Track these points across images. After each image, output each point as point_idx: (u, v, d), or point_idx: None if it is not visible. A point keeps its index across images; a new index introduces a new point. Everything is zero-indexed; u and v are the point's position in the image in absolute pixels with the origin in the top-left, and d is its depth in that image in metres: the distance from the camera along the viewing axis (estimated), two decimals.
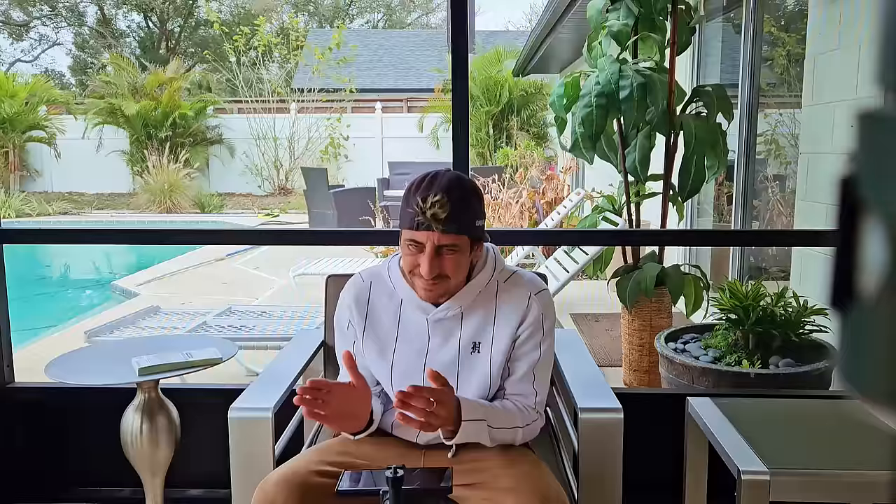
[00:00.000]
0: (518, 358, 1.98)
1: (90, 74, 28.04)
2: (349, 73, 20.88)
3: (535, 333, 1.98)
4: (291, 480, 1.81)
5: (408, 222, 1.84)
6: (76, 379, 2.58)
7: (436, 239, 1.82)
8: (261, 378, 2.39)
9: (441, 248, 1.84)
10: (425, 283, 1.88)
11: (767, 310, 3.45)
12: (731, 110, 4.24)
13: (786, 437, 2.17)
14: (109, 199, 19.37)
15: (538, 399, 1.99)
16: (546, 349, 2.00)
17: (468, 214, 1.86)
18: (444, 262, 1.86)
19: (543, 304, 2.00)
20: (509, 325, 1.98)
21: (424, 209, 1.80)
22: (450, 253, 1.86)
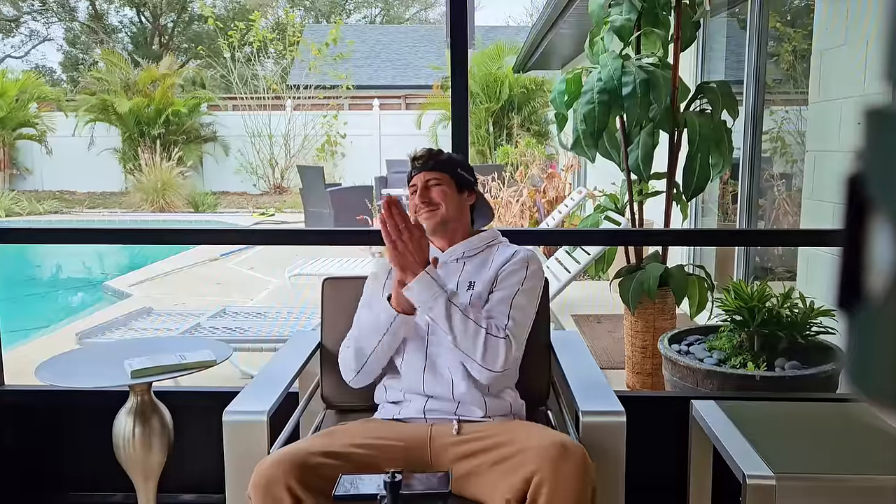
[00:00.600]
0: (498, 289, 2.24)
1: (81, 71, 28.06)
2: (346, 69, 20.87)
3: (518, 271, 2.26)
4: (289, 461, 1.88)
5: (409, 173, 2.40)
6: (67, 382, 2.57)
7: (423, 176, 2.33)
8: (256, 381, 2.39)
9: (428, 183, 2.32)
10: (422, 210, 2.29)
11: (773, 311, 3.45)
12: (735, 107, 4.24)
13: (792, 441, 2.17)
14: (101, 197, 19.35)
15: (510, 325, 2.16)
16: (528, 289, 2.25)
17: (447, 160, 2.38)
18: (432, 193, 2.31)
19: (531, 257, 2.31)
20: (496, 265, 2.29)
21: (417, 156, 2.38)
22: (436, 185, 2.31)
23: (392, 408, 2.24)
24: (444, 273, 2.24)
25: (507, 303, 2.19)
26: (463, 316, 2.09)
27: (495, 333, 2.11)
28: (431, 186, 2.31)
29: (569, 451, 1.84)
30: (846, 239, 0.40)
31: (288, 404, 2.35)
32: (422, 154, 2.37)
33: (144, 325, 5.00)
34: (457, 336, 2.08)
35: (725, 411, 2.34)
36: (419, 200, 2.30)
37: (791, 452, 2.08)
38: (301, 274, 6.70)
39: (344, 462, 1.94)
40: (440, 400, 2.17)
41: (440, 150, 2.41)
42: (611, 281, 4.68)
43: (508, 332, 2.13)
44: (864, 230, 0.39)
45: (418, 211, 2.30)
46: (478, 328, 2.09)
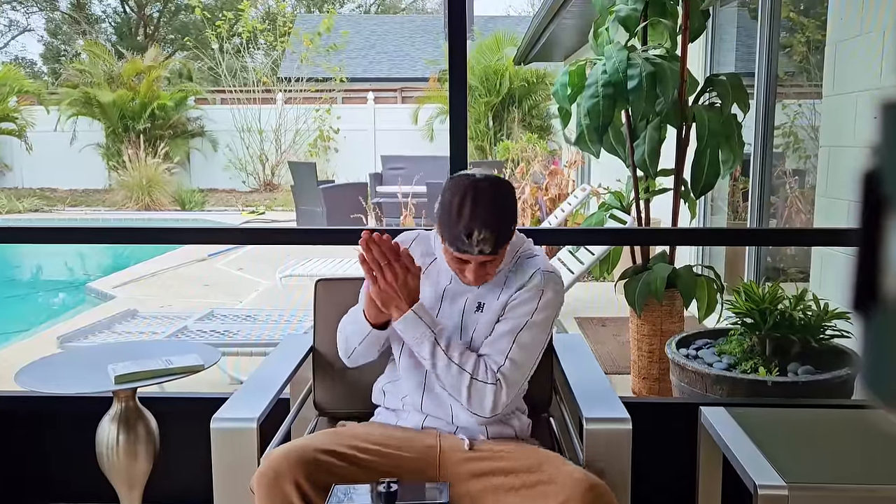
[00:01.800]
0: (504, 319, 2.11)
1: (63, 62, 28.00)
2: (339, 61, 20.87)
3: (530, 301, 2.11)
4: (299, 455, 1.90)
5: (451, 245, 2.02)
6: (48, 387, 2.57)
7: (479, 258, 2.03)
8: (245, 386, 2.38)
9: (485, 262, 2.05)
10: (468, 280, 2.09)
11: (785, 313, 3.45)
12: (746, 100, 4.24)
13: (805, 449, 2.17)
14: (84, 195, 19.34)
15: (504, 368, 2.05)
16: (537, 323, 2.11)
17: (509, 232, 2.05)
18: (487, 269, 2.07)
19: (548, 281, 2.14)
20: (510, 290, 2.14)
21: (471, 244, 1.98)
22: (493, 263, 2.07)
23: (390, 415, 2.22)
24: (455, 289, 2.16)
25: (510, 339, 2.07)
26: (447, 361, 2.02)
27: (482, 378, 2.02)
28: (489, 264, 2.07)
29: (598, 488, 1.84)
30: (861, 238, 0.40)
31: (279, 411, 2.34)
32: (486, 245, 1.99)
33: (129, 328, 5.00)
34: (441, 379, 2.04)
35: (736, 418, 2.34)
36: (471, 276, 2.06)
37: (804, 461, 2.08)
38: (292, 275, 6.69)
39: (351, 465, 1.96)
40: (439, 419, 2.14)
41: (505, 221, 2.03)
42: (616, 282, 4.68)
43: (500, 376, 2.03)
44: (881, 229, 0.39)
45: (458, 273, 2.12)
46: (461, 373, 2.01)
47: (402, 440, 2.09)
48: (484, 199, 1.99)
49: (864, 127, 3.97)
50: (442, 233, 2.03)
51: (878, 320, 0.39)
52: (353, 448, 2.00)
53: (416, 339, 2.04)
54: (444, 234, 2.02)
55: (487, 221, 1.97)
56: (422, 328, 2.03)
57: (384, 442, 2.06)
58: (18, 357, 3.24)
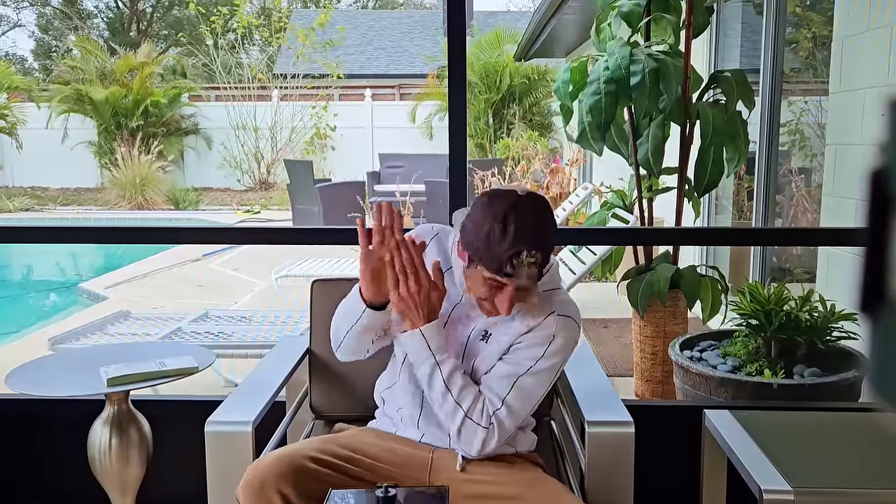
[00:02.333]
0: (508, 360, 1.99)
1: (55, 59, 28.01)
2: (336, 57, 20.86)
3: (537, 347, 1.98)
4: (286, 463, 1.87)
5: (494, 269, 1.85)
6: (39, 390, 2.57)
7: (520, 283, 1.87)
8: (240, 389, 2.38)
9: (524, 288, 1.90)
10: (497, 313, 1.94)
11: (791, 315, 3.45)
12: (751, 98, 4.25)
13: (811, 453, 2.17)
14: (75, 194, 19.33)
15: (500, 412, 1.95)
16: (542, 370, 1.98)
17: (551, 250, 1.93)
18: (520, 296, 1.91)
19: (561, 326, 2.00)
20: (518, 328, 2.00)
21: (519, 266, 1.83)
22: (528, 289, 1.91)
23: (388, 423, 2.17)
24: (465, 312, 2.05)
25: (510, 383, 1.96)
26: (445, 390, 1.93)
27: (476, 419, 1.93)
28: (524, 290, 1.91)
29: None
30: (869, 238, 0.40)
31: (274, 414, 2.34)
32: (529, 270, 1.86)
33: (121, 329, 5.00)
34: (434, 404, 1.97)
35: (741, 421, 2.34)
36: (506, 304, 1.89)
37: (810, 465, 2.08)
38: (288, 275, 6.70)
39: (342, 475, 1.93)
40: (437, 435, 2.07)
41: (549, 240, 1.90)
42: (618, 283, 4.68)
43: (494, 421, 1.93)
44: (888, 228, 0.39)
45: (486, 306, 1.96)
46: (456, 408, 1.93)
47: (396, 455, 2.04)
48: (529, 217, 1.84)
49: (872, 124, 3.97)
50: (477, 256, 1.86)
51: (886, 321, 0.39)
52: (346, 458, 1.97)
53: (417, 360, 1.96)
54: (480, 258, 1.86)
55: (535, 240, 1.84)
56: (426, 351, 1.94)
57: (377, 455, 2.02)
58: (9, 359, 3.24)
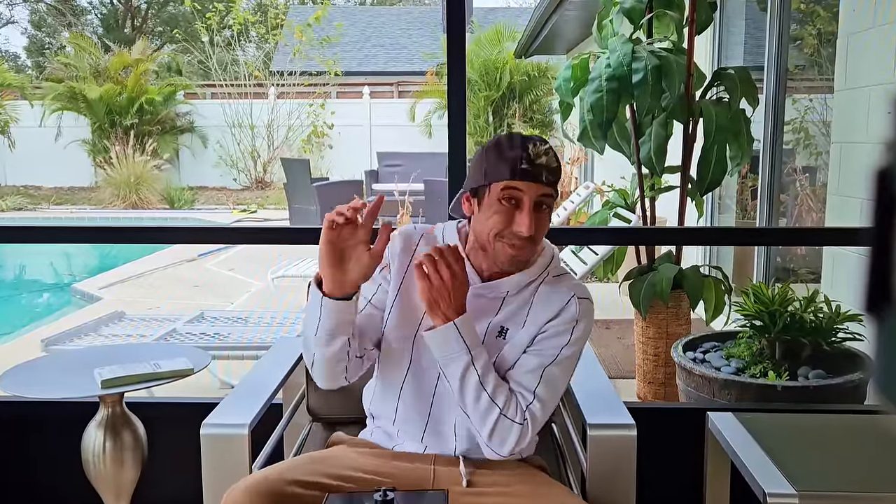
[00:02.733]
0: (533, 352, 1.94)
1: (48, 56, 27.99)
2: (334, 54, 20.85)
3: (562, 334, 1.94)
4: (264, 491, 1.76)
5: (507, 172, 1.83)
6: (32, 392, 2.57)
7: (537, 190, 1.84)
8: (236, 391, 2.38)
9: (539, 202, 1.86)
10: (519, 241, 1.86)
11: (796, 316, 3.45)
12: (755, 95, 4.24)
13: (816, 456, 2.17)
14: (69, 193, 19.33)
15: (532, 406, 1.89)
16: (567, 357, 1.95)
17: (560, 170, 1.91)
18: (538, 221, 1.86)
19: (583, 311, 1.97)
20: (540, 318, 1.96)
21: (535, 156, 1.83)
22: (545, 210, 1.88)
23: (385, 438, 2.08)
24: (476, 307, 1.93)
25: (537, 375, 1.91)
26: (479, 388, 1.84)
27: (511, 416, 1.86)
28: (541, 212, 1.87)
29: None
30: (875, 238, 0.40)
31: (271, 417, 2.34)
32: (546, 159, 1.85)
33: (116, 330, 5.00)
34: (466, 405, 1.87)
35: (744, 424, 2.34)
36: (528, 227, 1.82)
37: (815, 468, 2.08)
38: (285, 276, 6.69)
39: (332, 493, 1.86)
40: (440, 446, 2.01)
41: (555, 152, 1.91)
42: (620, 283, 4.68)
43: (527, 416, 1.87)
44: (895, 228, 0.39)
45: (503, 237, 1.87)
46: (491, 405, 1.85)
47: (396, 468, 1.97)
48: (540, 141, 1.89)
49: (878, 122, 3.97)
50: (486, 175, 1.87)
51: (892, 322, 0.39)
52: (333, 476, 1.89)
53: (448, 357, 1.85)
54: (490, 171, 1.86)
55: (544, 142, 1.88)
56: (459, 346, 1.84)
57: (375, 469, 1.94)
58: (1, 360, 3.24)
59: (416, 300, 1.95)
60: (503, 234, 1.86)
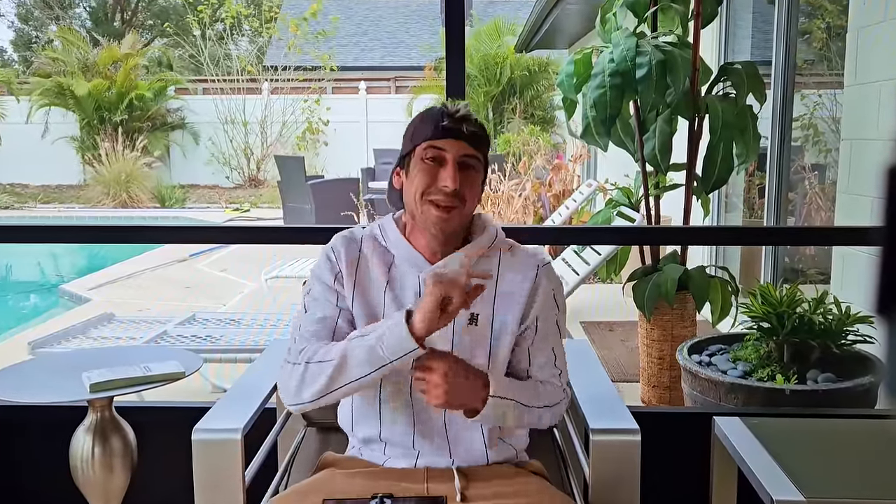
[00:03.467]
0: (539, 343, 2.01)
1: (35, 50, 27.99)
2: (329, 48, 20.88)
3: (551, 312, 2.03)
4: None
5: (429, 131, 1.89)
6: (18, 396, 2.57)
7: (460, 148, 1.88)
8: (228, 395, 2.38)
9: (465, 161, 1.89)
10: (445, 199, 1.87)
11: (805, 317, 3.45)
12: (762, 91, 4.25)
13: (825, 462, 2.18)
14: (57, 191, 19.34)
15: (563, 377, 2.05)
16: (562, 324, 2.08)
17: (487, 137, 1.98)
18: (464, 179, 1.88)
19: (553, 278, 2.04)
20: (517, 301, 1.98)
21: (454, 111, 1.89)
22: (471, 171, 1.91)
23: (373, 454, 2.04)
24: None
25: (552, 357, 2.03)
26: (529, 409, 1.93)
27: (555, 401, 2.00)
28: (467, 171, 1.90)
29: None
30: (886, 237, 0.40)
31: (264, 421, 2.34)
32: (465, 112, 1.92)
33: (105, 333, 4.99)
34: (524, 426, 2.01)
35: (751, 429, 2.34)
36: (451, 181, 1.85)
37: (823, 474, 2.08)
38: (279, 276, 6.69)
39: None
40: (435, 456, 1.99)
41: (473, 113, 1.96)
42: (624, 284, 4.68)
43: (563, 384, 2.05)
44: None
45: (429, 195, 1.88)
46: (542, 411, 1.96)
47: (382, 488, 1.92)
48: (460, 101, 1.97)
49: (888, 118, 3.97)
50: (414, 140, 1.94)
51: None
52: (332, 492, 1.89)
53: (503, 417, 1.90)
54: (415, 134, 1.94)
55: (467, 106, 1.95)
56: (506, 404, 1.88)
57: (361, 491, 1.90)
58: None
59: (370, 298, 1.97)
60: (429, 193, 1.88)
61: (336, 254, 2.00)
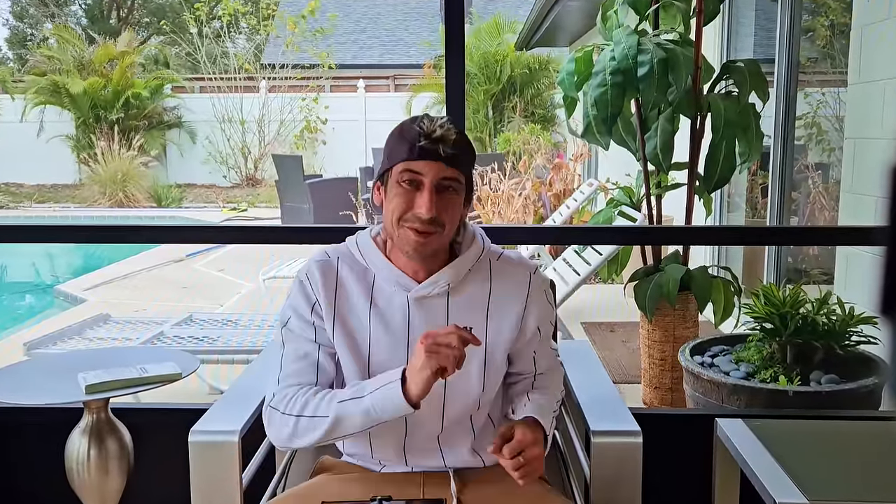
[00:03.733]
0: (543, 345, 2.06)
1: (30, 48, 27.98)
2: (327, 46, 20.87)
3: (548, 315, 2.05)
4: None
5: (405, 152, 1.79)
6: (13, 397, 2.57)
7: (438, 171, 1.79)
8: (226, 397, 2.38)
9: (442, 185, 1.81)
10: (422, 225, 1.80)
11: (808, 318, 3.45)
12: (765, 89, 4.25)
13: (828, 464, 2.17)
14: (52, 190, 19.34)
15: (558, 356, 2.15)
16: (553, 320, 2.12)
17: (470, 153, 1.88)
18: (442, 204, 1.81)
19: (544, 281, 2.04)
20: (512, 310, 1.97)
21: (431, 131, 1.78)
22: (450, 193, 1.83)
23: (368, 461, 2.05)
24: (425, 313, 1.91)
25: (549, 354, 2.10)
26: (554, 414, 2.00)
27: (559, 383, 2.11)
28: (445, 195, 1.82)
29: None
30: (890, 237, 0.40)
31: (262, 424, 2.34)
32: (443, 132, 1.80)
33: (101, 333, 4.99)
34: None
35: (754, 431, 2.34)
36: (427, 208, 1.78)
37: (827, 477, 2.08)
38: (277, 276, 6.69)
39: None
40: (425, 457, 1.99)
41: (461, 132, 1.88)
42: (625, 284, 4.68)
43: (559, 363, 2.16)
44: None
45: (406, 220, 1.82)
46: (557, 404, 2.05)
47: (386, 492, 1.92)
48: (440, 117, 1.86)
49: (893, 117, 3.98)
50: (391, 159, 1.83)
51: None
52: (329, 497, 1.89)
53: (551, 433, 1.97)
54: (392, 153, 1.83)
55: (447, 121, 1.83)
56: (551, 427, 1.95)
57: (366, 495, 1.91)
58: None
59: (352, 324, 1.92)
60: (405, 218, 1.81)
61: (312, 283, 1.94)
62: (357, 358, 1.92)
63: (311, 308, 1.93)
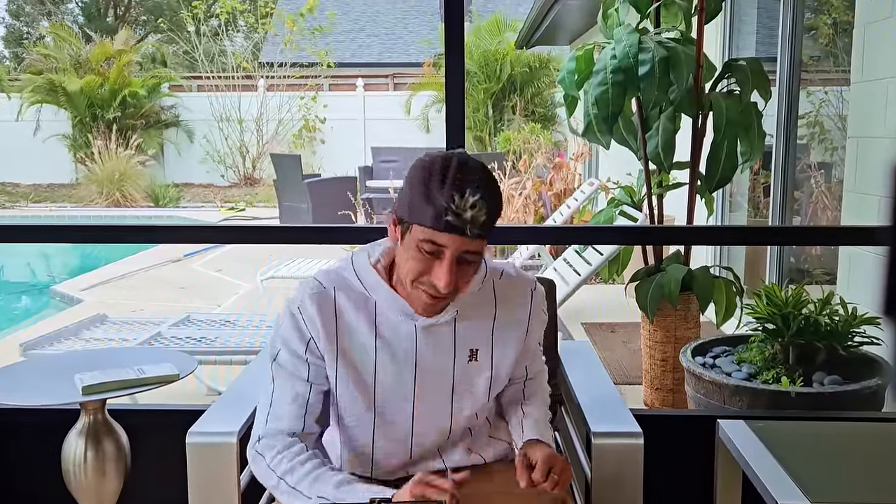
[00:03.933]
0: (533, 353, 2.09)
1: (26, 46, 27.99)
2: (326, 44, 20.86)
3: (542, 327, 2.08)
4: None
5: (430, 219, 1.68)
6: (10, 398, 2.57)
7: (461, 245, 1.70)
8: (224, 398, 2.38)
9: (464, 258, 1.73)
10: (437, 292, 1.75)
11: (810, 319, 3.45)
12: (767, 87, 4.25)
13: (831, 466, 2.18)
14: (48, 190, 19.32)
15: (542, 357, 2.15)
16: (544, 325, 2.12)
17: (495, 219, 1.75)
18: (461, 273, 1.75)
19: (543, 297, 2.05)
20: (517, 329, 1.98)
21: (461, 209, 1.66)
22: (470, 263, 1.76)
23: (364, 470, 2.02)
24: (431, 342, 1.89)
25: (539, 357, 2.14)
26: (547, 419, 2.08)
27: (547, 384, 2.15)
28: (465, 264, 1.75)
29: None
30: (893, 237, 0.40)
31: None
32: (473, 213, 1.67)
33: (98, 334, 5.00)
34: None
35: (756, 432, 2.34)
36: (446, 284, 1.72)
37: (829, 478, 2.08)
38: (275, 277, 6.69)
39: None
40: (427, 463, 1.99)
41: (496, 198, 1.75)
42: (626, 285, 4.68)
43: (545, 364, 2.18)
44: None
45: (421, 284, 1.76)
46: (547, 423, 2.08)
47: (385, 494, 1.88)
48: (473, 167, 1.72)
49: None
50: (412, 214, 1.71)
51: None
52: None
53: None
54: (415, 211, 1.70)
55: (482, 185, 1.70)
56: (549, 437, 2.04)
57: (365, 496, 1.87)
58: None
59: (356, 356, 1.88)
60: (421, 282, 1.76)
61: (306, 318, 1.86)
62: (361, 389, 1.89)
63: (306, 345, 1.87)
